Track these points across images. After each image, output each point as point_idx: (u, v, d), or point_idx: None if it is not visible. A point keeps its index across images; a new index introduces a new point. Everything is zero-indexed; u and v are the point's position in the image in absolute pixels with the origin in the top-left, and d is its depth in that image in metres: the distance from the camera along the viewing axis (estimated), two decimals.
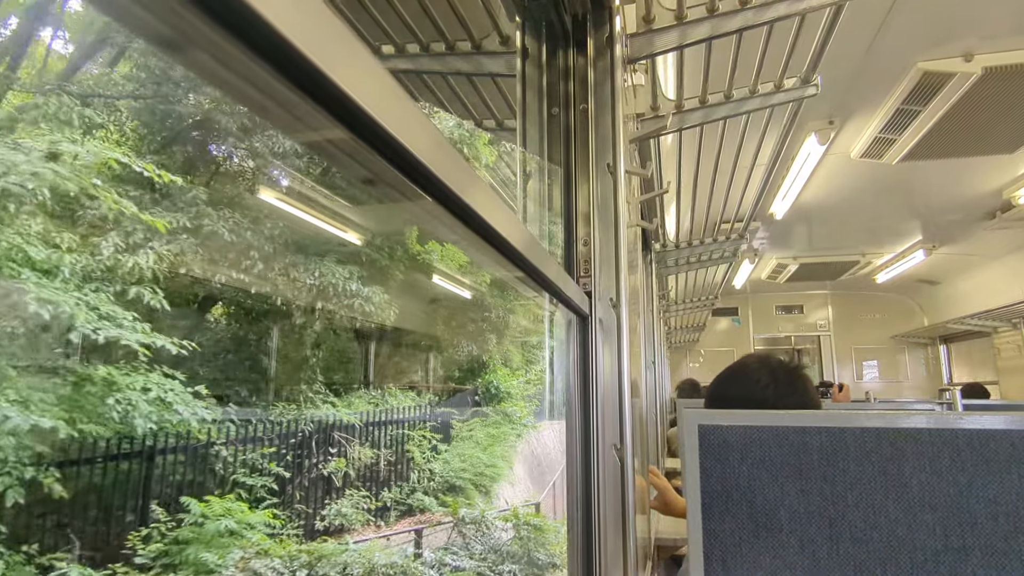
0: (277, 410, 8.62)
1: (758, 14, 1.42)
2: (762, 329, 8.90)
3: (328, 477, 8.32)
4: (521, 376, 14.37)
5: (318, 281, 8.32)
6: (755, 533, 0.85)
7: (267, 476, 7.56)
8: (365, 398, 10.66)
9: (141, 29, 0.26)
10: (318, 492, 8.16)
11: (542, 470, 13.49)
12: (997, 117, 3.00)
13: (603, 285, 1.19)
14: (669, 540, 2.41)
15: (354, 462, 8.68)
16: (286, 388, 9.40)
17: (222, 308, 9.68)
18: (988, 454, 0.80)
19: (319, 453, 8.39)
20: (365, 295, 8.70)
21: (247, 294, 8.36)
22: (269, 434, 7.98)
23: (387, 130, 0.37)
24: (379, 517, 8.52)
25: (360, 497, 8.36)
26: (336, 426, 8.79)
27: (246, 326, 9.63)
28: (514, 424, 12.83)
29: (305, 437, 8.29)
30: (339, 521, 7.88)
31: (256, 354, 9.39)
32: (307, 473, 8.13)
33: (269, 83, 0.30)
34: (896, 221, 5.12)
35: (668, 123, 1.73)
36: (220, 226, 7.42)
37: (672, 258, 4.08)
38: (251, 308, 9.32)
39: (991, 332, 7.10)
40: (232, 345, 9.35)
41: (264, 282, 8.09)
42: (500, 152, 10.08)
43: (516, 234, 0.65)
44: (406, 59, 1.58)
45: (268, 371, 9.48)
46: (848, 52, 2.57)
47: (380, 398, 10.80)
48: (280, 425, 8.21)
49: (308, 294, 8.50)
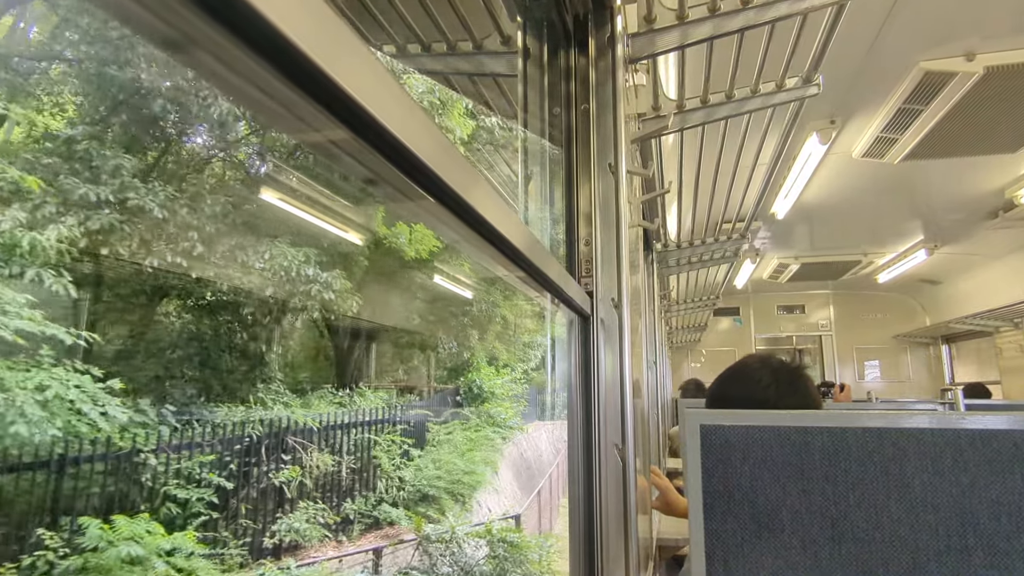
0: (222, 412, 7.73)
1: (759, 14, 1.42)
2: (764, 329, 8.89)
3: (280, 488, 7.39)
4: (507, 375, 13.66)
5: (268, 265, 7.34)
6: (757, 533, 0.85)
7: (205, 488, 6.58)
8: (328, 398, 9.90)
9: (145, 31, 0.26)
10: (268, 505, 7.22)
11: (531, 474, 12.88)
12: (999, 117, 2.99)
13: (605, 285, 1.19)
14: (671, 540, 2.41)
15: (311, 470, 7.76)
16: (240, 387, 8.56)
17: (157, 295, 8.46)
18: (990, 454, 0.80)
19: (270, 460, 7.43)
20: (324, 281, 7.71)
21: (187, 279, 7.46)
22: (210, 439, 6.99)
23: (389, 130, 0.37)
24: (340, 532, 7.69)
25: (317, 510, 7.49)
26: (291, 430, 7.87)
27: (189, 317, 8.70)
28: (498, 426, 12.08)
29: (254, 442, 7.33)
30: (291, 538, 6.99)
31: (203, 349, 8.44)
32: (255, 483, 7.18)
33: (272, 83, 0.30)
34: (898, 221, 5.11)
35: (669, 123, 1.73)
36: (149, 201, 6.41)
37: (673, 258, 4.08)
38: (194, 296, 8.33)
39: (993, 332, 7.08)
40: (172, 338, 8.40)
41: (206, 266, 7.16)
42: (479, 126, 9.13)
43: (517, 234, 0.65)
44: (408, 59, 1.58)
45: (218, 368, 8.55)
46: (850, 51, 2.56)
47: (348, 399, 10.01)
48: (225, 429, 7.23)
49: (259, 280, 7.58)
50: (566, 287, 0.93)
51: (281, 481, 7.40)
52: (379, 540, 7.59)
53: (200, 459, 6.71)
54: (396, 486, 8.65)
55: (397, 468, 8.87)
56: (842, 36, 1.70)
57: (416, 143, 0.40)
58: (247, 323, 8.93)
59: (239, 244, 7.27)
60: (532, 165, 1.31)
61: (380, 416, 9.32)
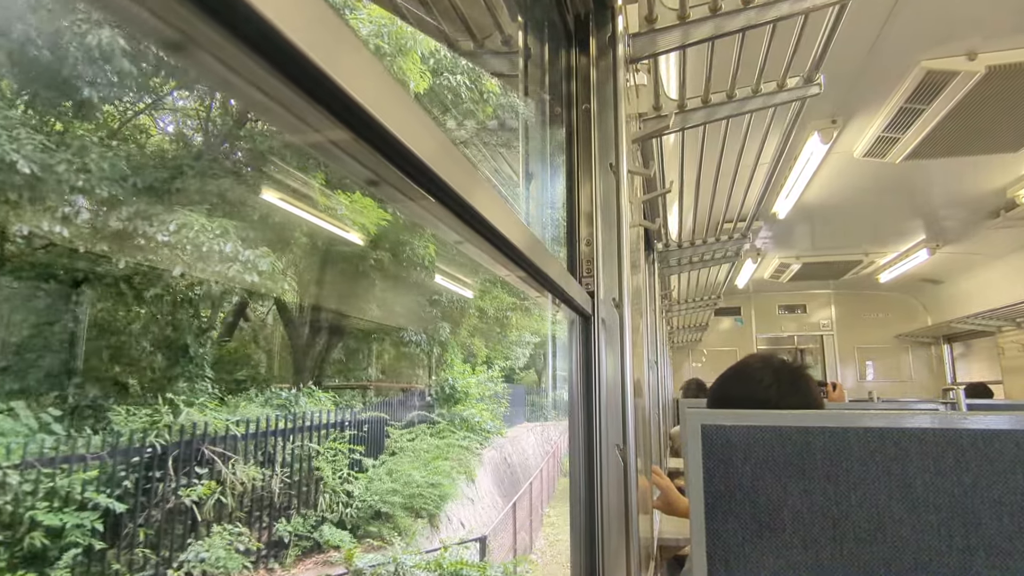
0: (121, 417, 6.45)
1: (761, 13, 1.42)
2: (765, 329, 8.88)
3: (192, 508, 6.17)
4: (482, 372, 12.48)
5: (173, 238, 6.01)
6: (758, 533, 0.85)
7: (91, 511, 5.38)
8: (274, 400, 8.60)
9: (146, 31, 0.26)
10: (174, 529, 6.07)
11: (515, 480, 11.96)
12: (1001, 116, 2.99)
13: (606, 285, 1.19)
14: (672, 540, 2.41)
15: (233, 486, 6.52)
16: (153, 386, 7.31)
17: (44, 273, 6.90)
18: (992, 454, 0.80)
19: (180, 475, 6.24)
20: (247, 260, 6.40)
21: (78, 254, 6.17)
22: (100, 451, 5.70)
23: (390, 131, 0.37)
24: (270, 559, 6.58)
25: (236, 534, 6.32)
26: (210, 437, 6.61)
27: (86, 300, 7.17)
28: (473, 430, 10.92)
29: (158, 454, 6.11)
30: (202, 569, 5.91)
31: (101, 341, 7.14)
32: (160, 504, 6.05)
33: (272, 84, 0.30)
34: (899, 220, 5.10)
35: (671, 123, 1.73)
36: (13, 152, 5.10)
37: (675, 258, 4.08)
38: (94, 276, 6.88)
39: (995, 331, 7.07)
40: (65, 327, 6.95)
41: (100, 238, 5.88)
42: (447, 85, 7.61)
43: (519, 234, 0.65)
44: None
45: (129, 363, 7.31)
46: (851, 51, 2.56)
47: (294, 400, 8.75)
48: (121, 438, 5.99)
49: (168, 256, 6.18)
50: (567, 287, 0.93)
51: (193, 500, 6.12)
52: (320, 567, 6.67)
53: (82, 476, 5.41)
54: (342, 502, 7.49)
55: (344, 481, 7.71)
56: (843, 35, 1.70)
57: (417, 143, 0.40)
58: (164, 310, 7.63)
59: (139, 212, 5.98)
60: (533, 164, 1.31)
61: (327, 420, 8.16)
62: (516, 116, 8.19)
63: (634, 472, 1.14)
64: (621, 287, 1.19)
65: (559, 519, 12.66)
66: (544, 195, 1.31)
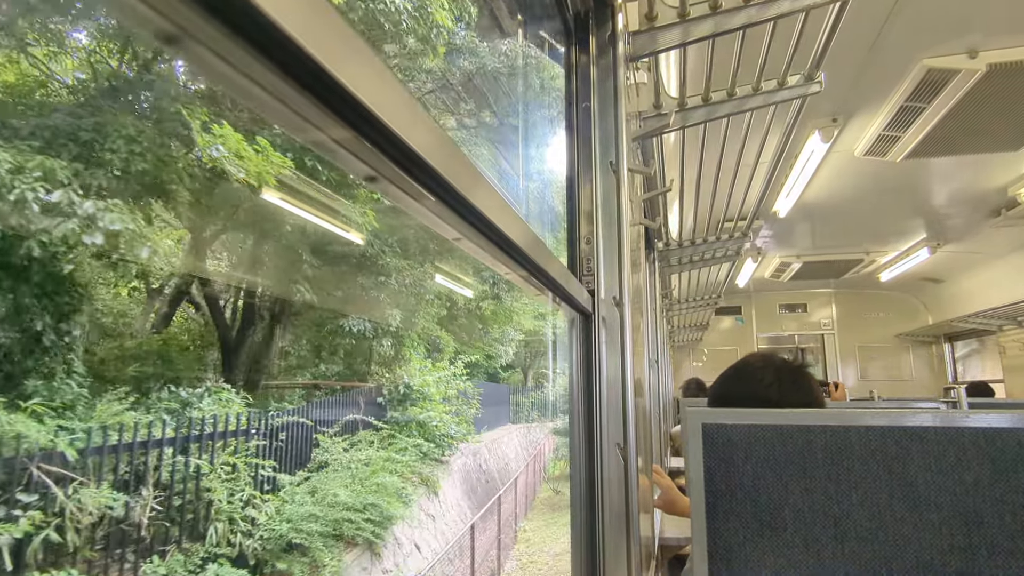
0: None
1: (761, 11, 1.42)
2: (766, 328, 8.88)
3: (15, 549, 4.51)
4: (445, 368, 10.83)
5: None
6: (759, 532, 0.85)
7: None
8: (165, 402, 6.74)
9: (149, 29, 0.26)
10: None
11: (494, 490, 10.52)
12: (1002, 114, 2.98)
13: (606, 284, 1.19)
14: (673, 539, 2.41)
15: (76, 517, 4.93)
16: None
17: None
18: (994, 453, 0.80)
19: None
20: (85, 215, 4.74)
21: None
22: None
23: (390, 127, 0.37)
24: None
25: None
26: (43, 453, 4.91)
27: None
28: (430, 437, 9.38)
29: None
30: None
31: None
32: None
33: (274, 81, 0.30)
34: (900, 219, 5.09)
35: (671, 121, 1.73)
36: None
37: (675, 256, 4.08)
38: None
39: (996, 330, 7.07)
40: None
41: None
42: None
43: (519, 233, 0.65)
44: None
45: None
46: (852, 49, 2.55)
47: (195, 400, 6.91)
48: None
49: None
50: (567, 286, 0.93)
51: (13, 538, 4.50)
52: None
53: None
54: (243, 532, 6.00)
55: (245, 505, 6.16)
56: (844, 33, 1.69)
57: (418, 140, 0.40)
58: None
59: None
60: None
61: (225, 427, 6.53)
62: (515, 114, 7.85)
63: (635, 471, 1.14)
64: (621, 285, 1.19)
65: (537, 534, 11.12)
66: (543, 193, 1.31)
